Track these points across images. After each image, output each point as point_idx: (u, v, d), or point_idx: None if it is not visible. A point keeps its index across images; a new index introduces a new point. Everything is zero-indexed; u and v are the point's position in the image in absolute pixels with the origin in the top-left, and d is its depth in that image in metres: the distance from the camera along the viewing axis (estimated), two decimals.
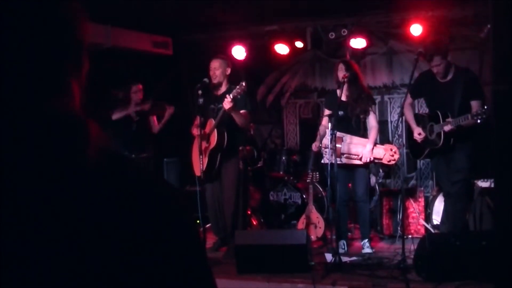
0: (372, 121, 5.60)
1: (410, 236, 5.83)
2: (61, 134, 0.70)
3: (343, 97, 5.55)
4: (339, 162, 5.25)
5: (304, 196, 6.45)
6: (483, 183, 5.62)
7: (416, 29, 6.65)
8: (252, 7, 6.55)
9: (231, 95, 5.23)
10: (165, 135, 6.97)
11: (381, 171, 6.66)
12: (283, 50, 7.48)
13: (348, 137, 5.53)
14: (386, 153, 5.47)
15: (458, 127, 5.02)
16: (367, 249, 5.53)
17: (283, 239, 4.79)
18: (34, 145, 0.68)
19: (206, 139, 5.52)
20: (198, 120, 5.48)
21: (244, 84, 5.26)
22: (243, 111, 5.45)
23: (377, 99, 7.55)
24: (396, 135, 6.59)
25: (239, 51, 7.44)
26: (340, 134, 5.38)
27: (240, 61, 7.36)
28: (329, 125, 5.20)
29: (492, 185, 5.35)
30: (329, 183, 5.14)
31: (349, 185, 5.73)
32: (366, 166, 5.60)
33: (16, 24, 0.69)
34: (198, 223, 5.31)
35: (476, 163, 5.32)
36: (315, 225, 5.94)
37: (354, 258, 5.29)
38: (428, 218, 6.05)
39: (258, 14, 6.95)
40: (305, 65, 8.05)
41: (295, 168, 7.12)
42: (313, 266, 4.82)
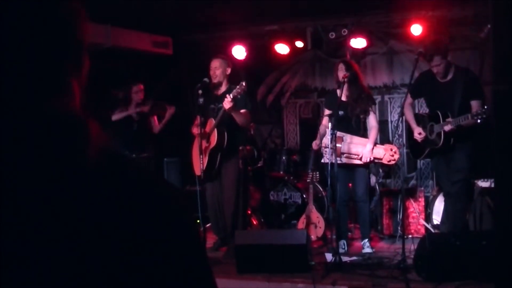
0: (372, 121, 5.60)
1: (410, 236, 5.83)
2: (61, 134, 0.70)
3: (343, 97, 5.55)
4: (339, 161, 5.25)
5: (304, 196, 6.45)
6: (483, 183, 5.61)
7: (416, 29, 6.66)
8: (252, 7, 6.55)
9: (231, 95, 5.23)
10: (166, 135, 6.97)
11: (381, 171, 6.66)
12: (283, 50, 7.48)
13: (348, 137, 5.53)
14: (386, 153, 5.46)
15: (458, 127, 5.02)
16: (367, 249, 5.53)
17: (283, 239, 4.79)
18: (34, 145, 0.68)
19: (206, 139, 5.52)
20: (198, 120, 5.47)
21: (244, 84, 5.26)
22: (243, 111, 5.45)
23: (377, 99, 7.55)
24: (396, 135, 6.58)
25: (239, 51, 7.44)
26: (340, 133, 5.38)
27: (240, 61, 7.36)
28: (329, 125, 5.21)
29: (492, 185, 5.35)
30: (329, 183, 5.14)
31: (349, 185, 5.73)
32: (366, 166, 5.60)
33: (16, 24, 0.69)
34: (198, 223, 5.31)
35: (476, 163, 5.32)
36: (315, 225, 5.94)
37: (354, 258, 5.29)
38: (428, 218, 6.04)
39: (258, 14, 6.95)
40: (305, 65, 8.04)
41: (295, 168, 7.12)
42: (313, 266, 4.82)
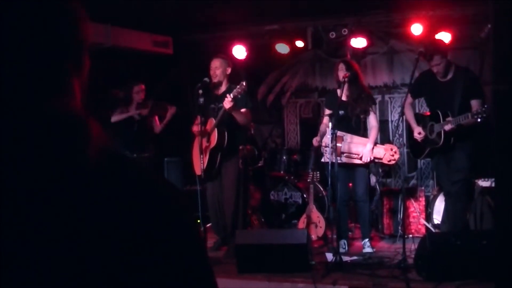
0: (372, 120, 5.60)
1: (410, 235, 5.84)
2: (61, 134, 0.70)
3: (344, 97, 5.55)
4: (339, 161, 5.24)
5: (304, 195, 6.45)
6: (484, 183, 5.61)
7: (416, 29, 6.65)
8: (252, 6, 6.55)
9: (231, 94, 5.22)
10: (166, 135, 6.97)
11: (381, 170, 6.66)
12: (284, 49, 7.47)
13: (348, 137, 5.53)
14: (386, 153, 5.46)
15: (458, 126, 5.02)
16: (368, 249, 5.53)
17: (283, 238, 4.79)
18: (34, 145, 0.68)
19: (206, 138, 5.52)
20: (198, 119, 5.47)
21: (244, 83, 5.26)
22: (244, 110, 5.45)
23: (378, 98, 7.54)
24: (396, 135, 6.57)
25: (240, 51, 7.43)
26: (340, 133, 5.38)
27: (240, 61, 7.35)
28: (330, 124, 5.20)
29: (492, 185, 5.35)
30: (329, 182, 5.13)
31: (350, 185, 5.73)
32: (366, 165, 5.60)
33: (16, 24, 0.69)
34: (198, 222, 5.31)
35: (476, 163, 5.32)
36: (315, 224, 5.94)
37: (354, 257, 5.29)
38: (428, 217, 6.04)
39: (258, 14, 6.95)
40: (306, 65, 8.04)
41: (295, 167, 7.12)
42: (313, 265, 4.81)
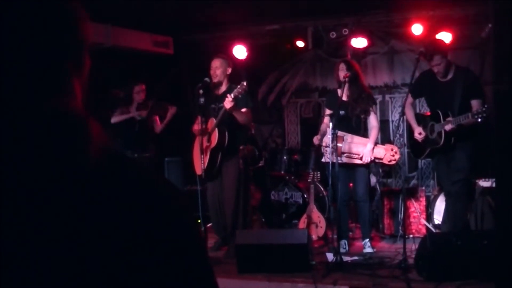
0: (372, 120, 5.60)
1: (411, 235, 5.84)
2: (61, 133, 0.70)
3: (344, 97, 5.55)
4: (339, 161, 5.24)
5: (305, 195, 6.45)
6: (484, 183, 5.61)
7: (417, 29, 6.66)
8: (252, 6, 6.55)
9: (232, 94, 5.22)
10: (167, 135, 6.97)
11: (381, 170, 6.66)
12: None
13: (349, 137, 5.53)
14: (386, 153, 5.46)
15: (458, 126, 5.02)
16: (368, 249, 5.53)
17: (284, 238, 4.79)
18: (34, 145, 0.67)
19: (207, 138, 5.52)
20: (199, 119, 5.47)
21: (245, 83, 5.26)
22: (244, 109, 5.45)
23: (378, 98, 7.54)
24: (397, 135, 6.57)
25: (240, 51, 7.43)
26: (341, 133, 5.37)
27: (241, 61, 7.35)
28: (330, 124, 5.20)
29: (493, 185, 5.35)
30: (330, 182, 5.13)
31: (350, 185, 5.73)
32: (366, 166, 5.60)
33: (16, 24, 0.69)
34: (199, 222, 5.31)
35: (476, 163, 5.32)
36: (316, 224, 5.94)
37: (355, 257, 5.29)
38: (429, 217, 6.04)
39: (258, 13, 6.95)
40: (306, 65, 8.04)
41: (296, 167, 7.12)
42: (314, 265, 4.81)
